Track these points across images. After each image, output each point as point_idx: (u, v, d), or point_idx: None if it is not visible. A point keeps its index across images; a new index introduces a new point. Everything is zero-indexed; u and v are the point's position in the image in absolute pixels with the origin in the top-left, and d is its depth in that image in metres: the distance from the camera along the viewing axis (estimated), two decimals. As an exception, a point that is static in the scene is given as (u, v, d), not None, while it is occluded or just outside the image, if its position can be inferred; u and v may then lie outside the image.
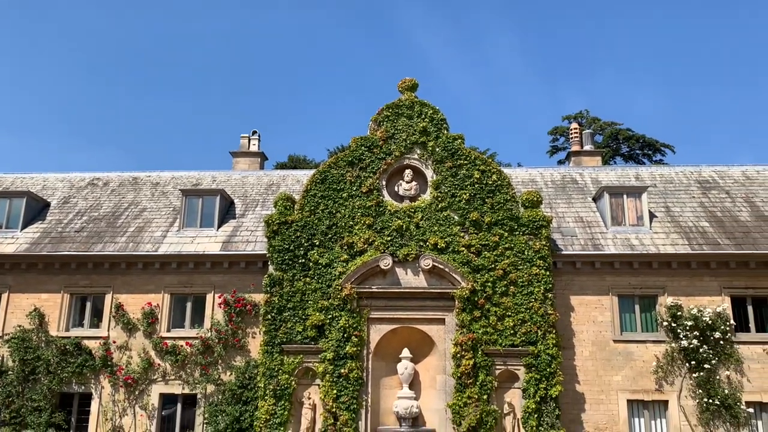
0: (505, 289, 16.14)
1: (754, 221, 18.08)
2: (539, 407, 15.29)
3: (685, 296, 16.84)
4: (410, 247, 16.64)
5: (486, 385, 15.48)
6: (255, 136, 24.67)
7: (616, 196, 18.33)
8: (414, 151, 17.61)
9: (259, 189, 21.43)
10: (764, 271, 16.82)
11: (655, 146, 38.34)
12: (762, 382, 16.15)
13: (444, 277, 16.38)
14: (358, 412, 15.57)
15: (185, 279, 18.15)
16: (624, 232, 17.81)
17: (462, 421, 15.17)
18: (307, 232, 16.93)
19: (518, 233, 16.58)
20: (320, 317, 16.15)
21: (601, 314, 16.93)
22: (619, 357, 16.61)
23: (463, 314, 15.92)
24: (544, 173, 21.43)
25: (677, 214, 18.64)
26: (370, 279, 16.51)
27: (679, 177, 20.64)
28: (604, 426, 16.20)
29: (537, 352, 15.61)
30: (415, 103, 17.94)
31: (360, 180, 17.35)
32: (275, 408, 15.67)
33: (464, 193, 16.97)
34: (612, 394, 16.39)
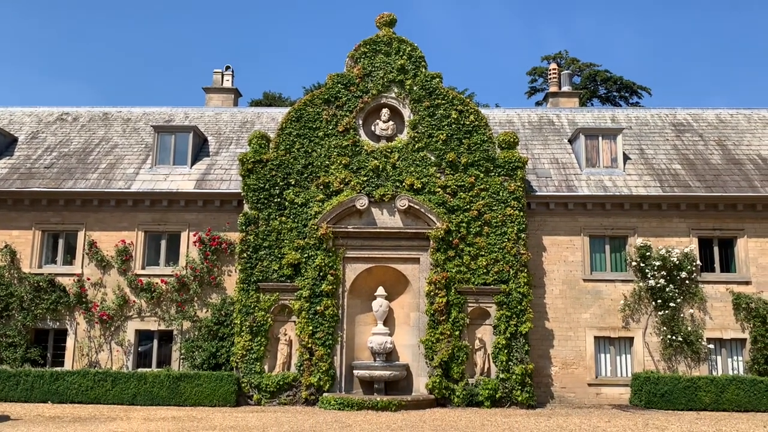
0: (480, 229, 16.33)
1: (725, 164, 18.37)
2: (509, 343, 15.75)
3: (655, 237, 17.23)
4: (386, 188, 16.65)
5: (458, 321, 15.85)
6: (228, 72, 24.07)
7: (591, 138, 18.42)
8: (391, 89, 17.38)
9: (233, 126, 21.07)
10: (731, 213, 17.23)
11: (632, 88, 38.35)
12: (723, 319, 16.79)
13: (419, 218, 16.48)
14: (333, 348, 15.89)
15: (159, 217, 18.00)
16: (598, 174, 17.99)
17: (434, 356, 15.59)
18: (282, 171, 16.80)
19: (494, 174, 16.65)
20: (296, 256, 16.23)
21: (572, 254, 17.28)
22: (588, 296, 17.07)
23: (437, 254, 16.12)
24: (522, 114, 21.38)
25: (651, 156, 18.83)
26: (346, 219, 16.56)
27: (654, 119, 20.76)
28: (572, 361, 16.80)
29: (509, 290, 15.96)
30: (393, 40, 17.58)
31: (336, 119, 17.13)
32: (251, 344, 15.92)
33: (441, 133, 16.89)
34: (580, 330, 16.93)
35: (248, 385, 15.72)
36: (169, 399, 15.34)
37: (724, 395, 15.17)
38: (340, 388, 15.83)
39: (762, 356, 16.23)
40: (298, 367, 15.82)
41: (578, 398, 16.51)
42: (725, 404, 15.12)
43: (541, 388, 16.48)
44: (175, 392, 15.39)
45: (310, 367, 15.68)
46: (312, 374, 15.62)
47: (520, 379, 15.45)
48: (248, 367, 15.81)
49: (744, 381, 15.31)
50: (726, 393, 15.18)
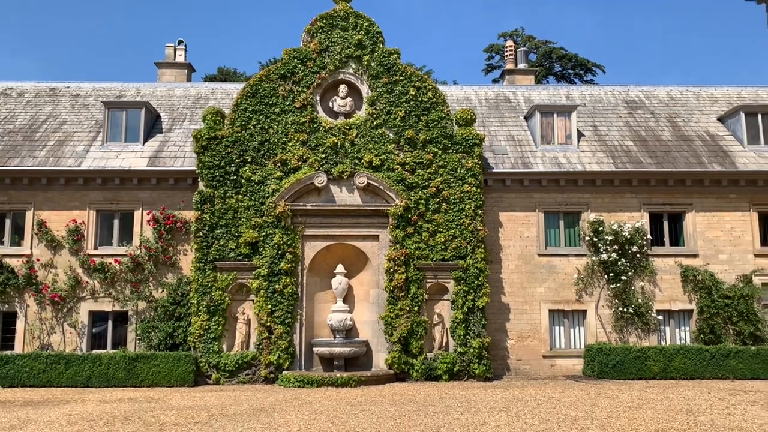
0: (438, 206, 16.44)
1: (675, 141, 18.86)
2: (467, 317, 16.00)
3: (607, 212, 17.64)
4: (345, 165, 16.57)
5: (417, 297, 16.00)
6: (181, 47, 23.43)
7: (546, 115, 18.65)
8: (349, 65, 17.21)
9: (187, 102, 20.59)
10: (681, 188, 17.75)
11: (586, 66, 38.91)
12: (671, 291, 17.38)
13: (378, 195, 16.49)
14: (292, 326, 15.88)
15: (111, 195, 17.55)
16: (552, 151, 18.27)
17: (394, 332, 15.74)
18: (238, 148, 16.53)
19: (452, 151, 16.74)
20: (254, 234, 16.07)
21: (528, 230, 17.58)
22: (543, 270, 17.42)
23: (396, 231, 16.18)
24: (479, 91, 21.48)
25: (604, 133, 19.20)
26: (304, 196, 16.44)
27: (608, 97, 21.13)
28: (527, 334, 17.18)
29: (466, 266, 16.17)
30: (350, 15, 17.36)
31: (293, 94, 16.90)
32: (209, 323, 15.77)
33: (399, 110, 16.85)
34: (535, 304, 17.30)
35: (206, 365, 15.60)
36: (126, 380, 15.12)
37: (672, 364, 15.77)
38: (299, 365, 15.86)
39: (707, 326, 16.89)
40: (257, 345, 15.76)
41: (533, 370, 16.93)
42: (673, 372, 15.73)
43: (497, 360, 16.83)
44: (132, 373, 15.17)
45: (269, 346, 15.64)
46: (271, 353, 15.58)
47: (478, 352, 15.73)
48: (206, 347, 15.68)
49: (690, 350, 15.93)
50: (674, 362, 15.78)
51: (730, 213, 17.67)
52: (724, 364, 15.74)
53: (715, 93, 21.28)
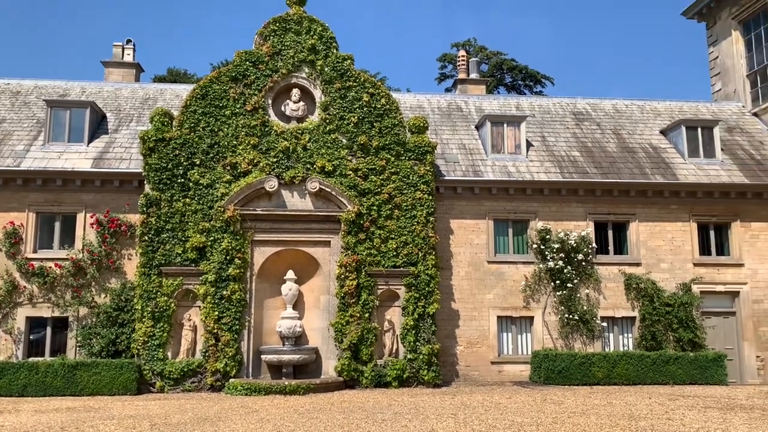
0: (390, 212, 16.45)
1: (620, 152, 19.41)
2: (417, 324, 16.04)
3: (554, 221, 18.00)
4: (297, 170, 16.42)
5: (368, 304, 15.96)
6: (130, 46, 22.86)
7: (497, 125, 18.93)
8: (302, 69, 17.10)
9: (134, 103, 20.06)
10: (625, 198, 18.26)
11: (536, 77, 39.75)
12: (615, 299, 17.83)
13: (331, 200, 16.39)
14: (240, 333, 15.60)
15: (53, 197, 16.92)
16: (502, 160, 18.54)
17: (344, 339, 15.64)
18: (186, 150, 16.19)
19: (404, 158, 16.80)
20: (201, 239, 15.74)
21: (478, 237, 17.78)
22: (492, 277, 17.64)
23: (348, 237, 16.12)
24: (432, 100, 21.66)
25: (552, 143, 19.61)
26: (254, 201, 16.21)
27: (556, 108, 21.61)
28: (476, 340, 17.34)
29: (417, 272, 16.22)
30: (304, 19, 17.27)
31: (244, 97, 16.67)
32: (154, 330, 15.35)
33: (353, 116, 16.82)
34: (484, 311, 17.48)
35: (150, 373, 15.17)
36: (64, 389, 14.56)
37: (615, 370, 16.16)
38: (247, 373, 15.58)
39: (649, 333, 17.39)
40: (204, 353, 15.42)
41: (482, 376, 17.09)
42: (616, 378, 16.12)
43: (446, 367, 16.92)
44: (71, 382, 14.61)
45: (215, 353, 15.32)
46: (218, 360, 15.27)
47: (427, 359, 15.78)
48: (150, 354, 15.25)
49: (633, 356, 16.37)
50: (617, 368, 16.18)
51: (671, 223, 18.27)
52: (665, 369, 16.23)
53: (659, 107, 22.02)
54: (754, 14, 21.20)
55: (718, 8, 22.67)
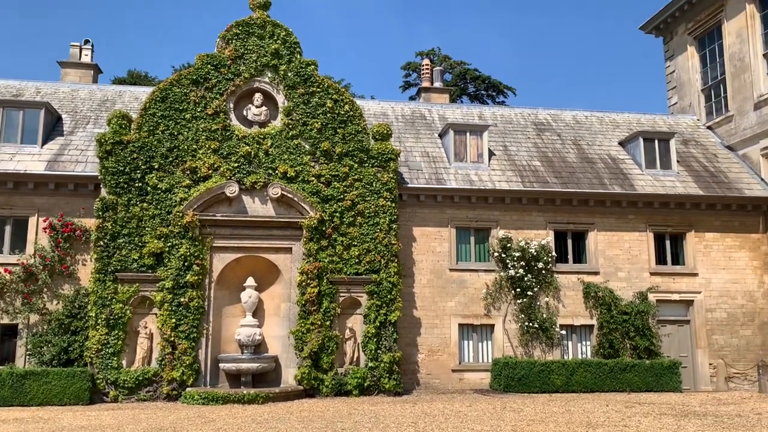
0: (353, 219, 16.37)
1: (579, 162, 19.73)
2: (379, 332, 15.96)
3: (515, 229, 18.17)
4: (258, 175, 16.22)
5: (329, 311, 15.82)
6: (88, 46, 22.31)
7: (460, 134, 19.04)
8: (265, 74, 16.93)
9: (92, 105, 19.57)
10: (584, 208, 18.54)
11: (498, 88, 40.26)
12: (574, 307, 18.07)
13: (292, 207, 16.23)
14: (198, 341, 15.28)
15: (4, 200, 16.35)
16: (465, 168, 18.66)
17: (304, 347, 15.46)
18: (145, 154, 15.84)
19: (368, 165, 16.75)
20: (159, 245, 15.40)
21: (440, 245, 17.82)
22: (454, 285, 17.69)
23: (310, 243, 15.97)
24: (396, 107, 21.70)
25: (514, 153, 19.82)
26: (214, 206, 15.94)
27: (518, 118, 21.86)
28: (437, 348, 17.35)
29: (379, 280, 16.16)
30: (268, 23, 17.11)
31: (205, 101, 16.41)
32: (108, 338, 14.92)
33: (316, 122, 16.71)
34: (446, 318, 17.51)
35: (104, 382, 14.73)
36: (12, 399, 14.02)
37: (573, 377, 16.35)
38: (204, 382, 15.27)
39: (607, 341, 17.65)
40: (160, 361, 15.05)
41: (443, 384, 17.09)
42: (574, 386, 16.31)
43: (407, 375, 16.88)
44: (20, 392, 14.08)
45: (172, 362, 14.97)
46: (174, 368, 14.92)
47: (388, 367, 15.71)
48: (104, 363, 14.81)
49: (591, 364, 16.59)
50: (575, 375, 16.37)
51: (628, 233, 18.62)
52: (622, 377, 16.49)
53: (617, 119, 22.49)
54: (708, 30, 21.86)
55: (674, 24, 23.31)
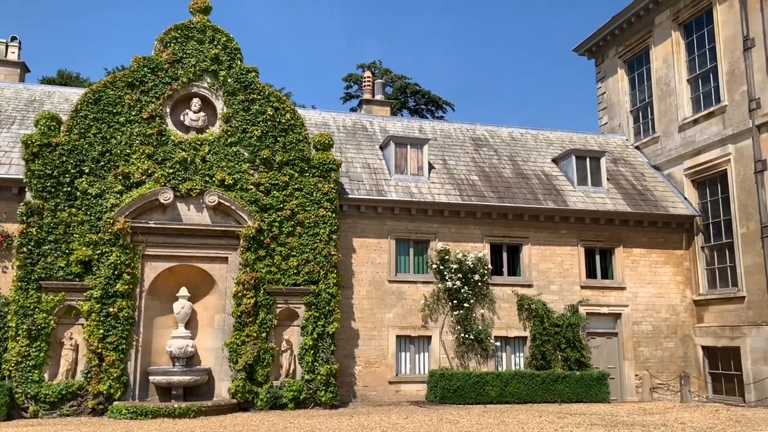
0: (292, 229, 16.17)
1: (515, 178, 20.21)
2: (316, 344, 15.77)
3: (454, 242, 18.39)
4: (195, 182, 15.81)
5: (266, 323, 15.52)
6: (15, 44, 21.29)
7: (401, 146, 19.18)
8: (204, 79, 16.57)
9: (18, 104, 18.63)
10: (519, 222, 18.97)
11: (438, 103, 40.89)
12: (508, 319, 18.41)
13: (230, 215, 15.89)
14: (127, 353, 14.68)
15: None
16: (405, 181, 18.78)
17: (239, 359, 15.09)
18: (74, 157, 15.18)
19: (308, 175, 16.61)
20: (87, 252, 14.75)
21: (380, 256, 17.83)
22: (393, 296, 17.71)
23: (247, 253, 15.66)
24: (337, 118, 21.66)
25: (452, 166, 20.10)
26: (147, 213, 15.42)
27: (457, 133, 22.22)
28: (375, 360, 17.29)
29: (318, 291, 15.99)
30: (208, 28, 16.78)
31: (141, 104, 15.90)
32: (29, 349, 14.12)
33: (256, 129, 16.46)
34: (384, 330, 17.49)
35: (23, 396, 13.92)
36: None
37: (507, 389, 16.62)
38: (133, 395, 14.66)
39: (539, 352, 18.05)
40: (85, 374, 14.36)
41: (379, 396, 17.03)
42: (508, 397, 16.57)
43: (344, 387, 16.73)
44: (-73, 408, 13.11)
45: (99, 374, 14.31)
46: (101, 382, 14.26)
47: (325, 379, 15.53)
48: (24, 376, 14.00)
49: (524, 375, 16.91)
50: (509, 386, 16.64)
51: (561, 247, 19.17)
52: (553, 388, 16.88)
53: (551, 136, 23.19)
54: (637, 55, 22.89)
55: (606, 47, 24.30)
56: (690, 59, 20.59)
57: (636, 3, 21.93)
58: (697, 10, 20.00)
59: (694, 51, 20.36)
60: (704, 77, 19.93)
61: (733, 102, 18.50)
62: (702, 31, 20.02)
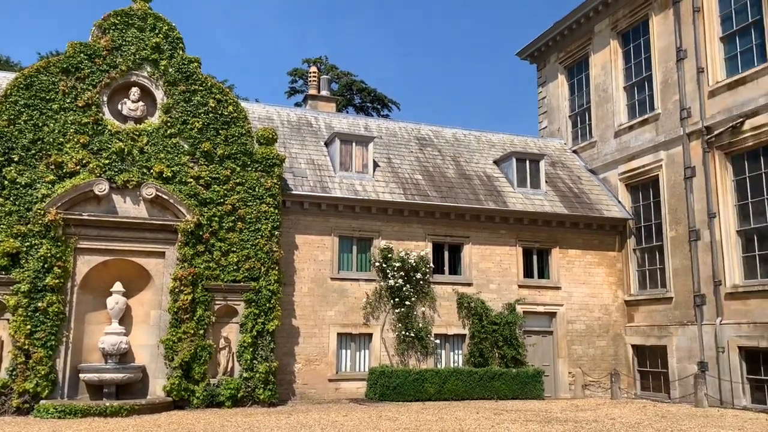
0: (233, 224, 15.89)
1: (458, 178, 20.47)
2: (255, 341, 15.56)
3: (397, 240, 18.49)
4: (132, 173, 15.33)
5: (203, 320, 15.21)
6: (-63, 21, 20.09)
7: (346, 143, 19.12)
8: (144, 68, 16.07)
9: (-60, 86, 17.59)
10: (461, 222, 19.24)
11: (383, 101, 40.99)
12: (448, 317, 18.65)
13: (168, 209, 15.49)
14: (56, 349, 14.11)
15: None
16: (350, 178, 18.74)
17: (175, 356, 14.74)
18: (3, 144, 14.49)
19: (251, 169, 16.36)
20: (15, 244, 14.09)
21: (323, 253, 17.74)
22: (335, 294, 17.66)
23: (185, 248, 15.30)
24: (282, 112, 21.40)
25: (397, 165, 20.20)
26: (81, 205, 14.86)
27: (402, 132, 22.34)
28: (315, 358, 17.20)
29: (259, 288, 15.78)
30: (149, 15, 16.28)
31: (76, 92, 15.30)
32: (-52, 346, 13.39)
33: (197, 121, 16.09)
34: (325, 328, 17.42)
35: (-60, 396, 13.18)
36: None
37: (446, 386, 16.84)
38: (62, 394, 14.10)
39: (477, 350, 18.36)
40: (10, 371, 13.72)
41: (319, 394, 16.95)
42: (446, 394, 16.80)
43: (283, 385, 16.57)
44: None
45: (25, 372, 13.69)
46: (27, 379, 13.66)
47: (264, 377, 15.34)
48: (-59, 374, 13.26)
49: (462, 372, 17.18)
50: (447, 383, 16.86)
51: (500, 247, 19.54)
52: (490, 385, 17.21)
53: (493, 138, 23.61)
54: (577, 62, 23.57)
55: (547, 52, 24.91)
56: (627, 67, 21.34)
57: (577, 10, 22.57)
58: (635, 20, 20.75)
59: (631, 60, 21.12)
60: (640, 85, 20.70)
61: (666, 110, 19.29)
62: (639, 41, 20.79)
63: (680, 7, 18.89)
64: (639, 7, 20.49)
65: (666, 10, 19.45)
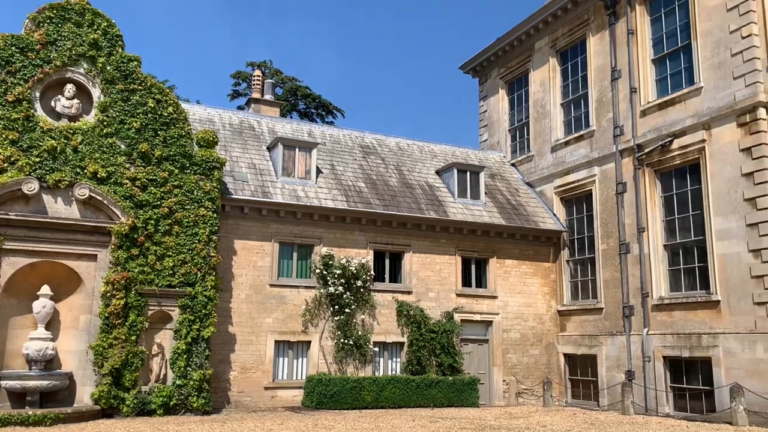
0: (169, 228, 15.53)
1: (400, 187, 20.64)
2: (190, 348, 15.22)
3: (338, 247, 18.46)
4: (64, 173, 14.78)
5: (136, 326, 14.78)
6: None
7: (289, 149, 19.00)
8: (80, 64, 15.55)
9: None
10: (402, 230, 19.39)
11: (328, 108, 40.95)
12: (387, 324, 18.73)
13: (101, 210, 15.00)
14: (-25, 356, 13.41)
15: None
16: (292, 184, 18.62)
17: (104, 363, 14.25)
18: (-77, 137, 13.70)
19: (190, 172, 16.04)
20: (-67, 243, 13.34)
21: (262, 259, 17.53)
22: (273, 300, 17.46)
23: (119, 251, 14.85)
24: (223, 115, 21.07)
25: (340, 172, 20.20)
26: (8, 204, 14.24)
27: (346, 139, 22.37)
28: (251, 365, 16.94)
29: (194, 293, 15.45)
30: (87, 11, 15.79)
31: (6, 86, 14.66)
32: None
33: (135, 121, 15.67)
34: (262, 335, 17.19)
35: None
36: None
37: (383, 394, 16.89)
38: (-20, 402, 13.40)
39: (415, 358, 18.51)
40: (-77, 379, 12.95)
41: (254, 402, 16.70)
42: (384, 402, 16.84)
43: (218, 393, 16.25)
44: None
45: (-60, 379, 12.95)
46: (-58, 387, 12.92)
47: (198, 385, 15.01)
48: None
49: (399, 380, 17.27)
50: (385, 391, 16.92)
51: (440, 256, 19.80)
52: (427, 393, 17.36)
53: (435, 149, 23.93)
54: (517, 77, 24.20)
55: (489, 67, 25.48)
56: (564, 84, 22.06)
57: (518, 27, 23.19)
58: (573, 39, 21.50)
59: (569, 77, 21.85)
60: (576, 102, 21.44)
61: (600, 127, 20.03)
62: (576, 60, 21.54)
63: (615, 29, 19.70)
64: (577, 27, 21.24)
65: (602, 31, 20.25)
